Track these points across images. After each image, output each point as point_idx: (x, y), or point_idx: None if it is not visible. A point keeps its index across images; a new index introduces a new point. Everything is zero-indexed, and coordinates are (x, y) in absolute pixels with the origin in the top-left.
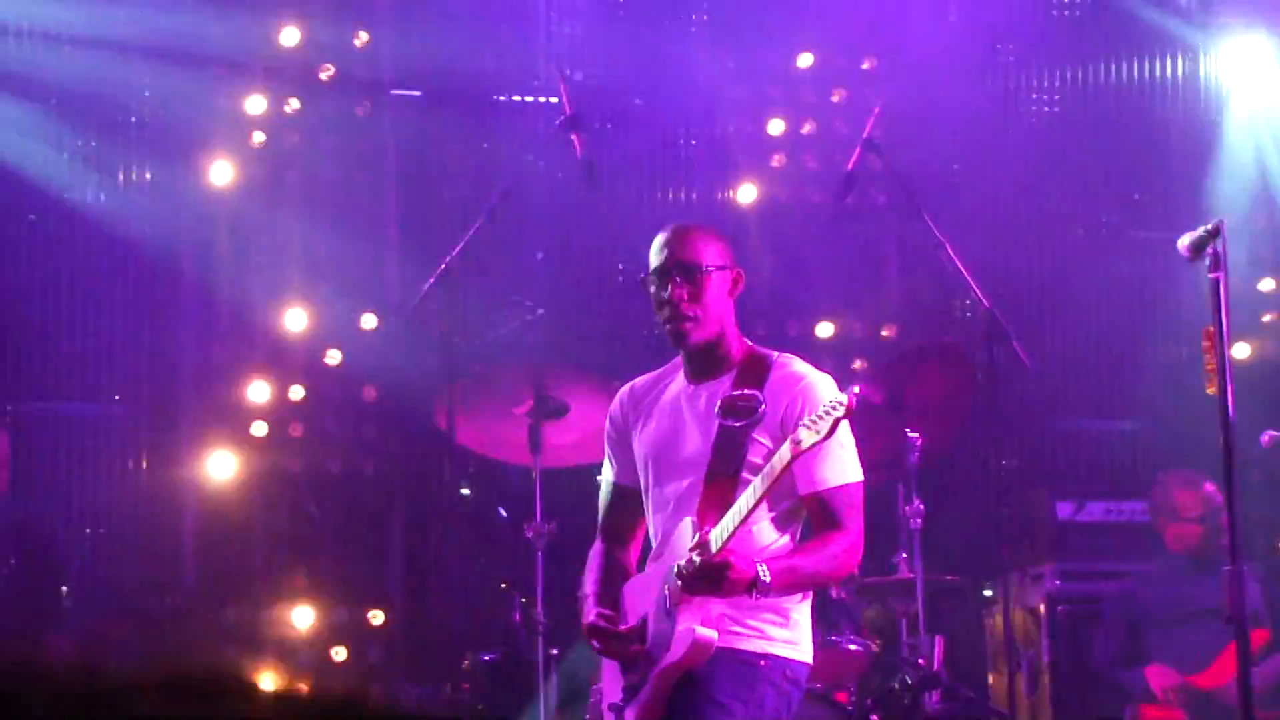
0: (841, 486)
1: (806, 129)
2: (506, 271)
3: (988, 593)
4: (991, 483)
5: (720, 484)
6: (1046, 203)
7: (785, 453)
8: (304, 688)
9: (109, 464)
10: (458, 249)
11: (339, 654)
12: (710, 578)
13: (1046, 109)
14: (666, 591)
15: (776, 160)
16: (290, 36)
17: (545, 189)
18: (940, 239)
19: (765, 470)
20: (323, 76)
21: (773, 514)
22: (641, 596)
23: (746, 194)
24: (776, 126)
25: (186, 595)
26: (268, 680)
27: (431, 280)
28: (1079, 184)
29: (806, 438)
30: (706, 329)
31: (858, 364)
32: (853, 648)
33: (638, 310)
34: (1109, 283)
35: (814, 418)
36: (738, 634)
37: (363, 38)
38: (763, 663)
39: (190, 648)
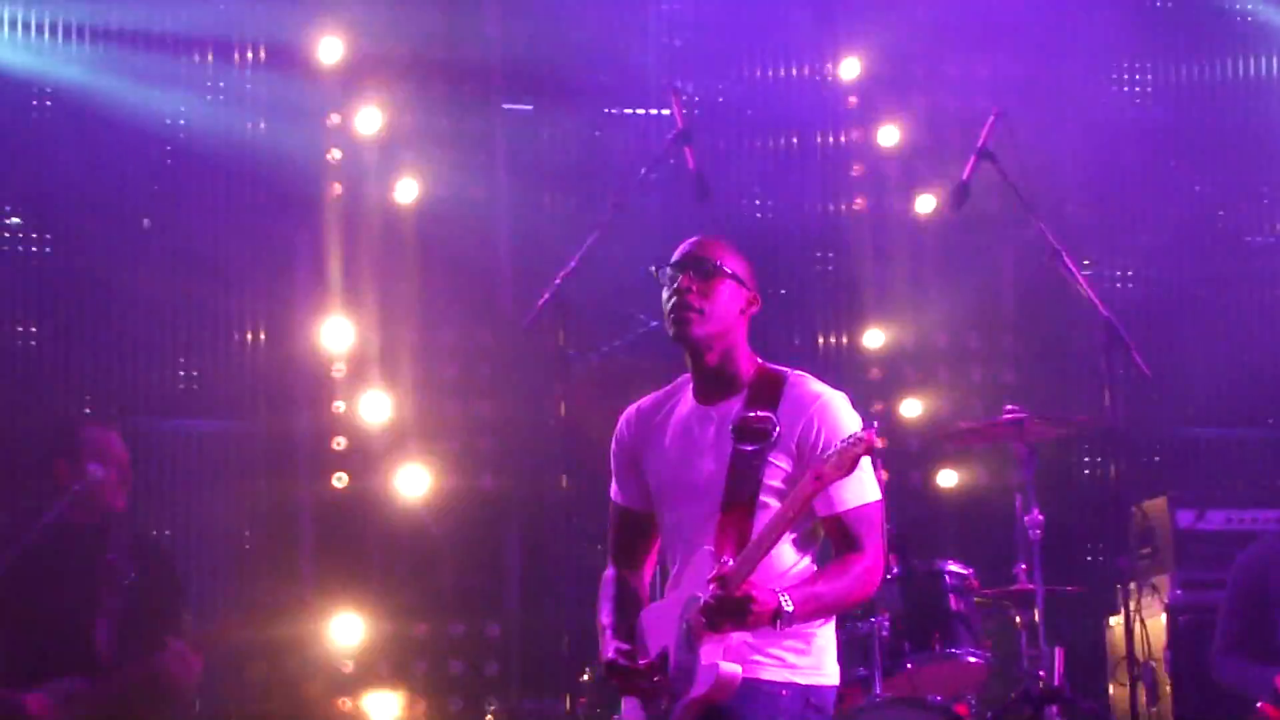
0: (861, 507)
1: (916, 137)
2: (619, 285)
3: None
4: (1111, 491)
5: (737, 511)
6: (1168, 207)
7: (807, 486)
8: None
9: (228, 480)
10: (573, 263)
11: (455, 668)
12: (732, 612)
13: (1164, 110)
14: (688, 624)
15: (888, 169)
16: (404, 52)
17: (657, 202)
18: (1057, 247)
19: (787, 502)
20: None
21: (793, 536)
22: (660, 627)
23: (859, 203)
24: (889, 135)
25: (303, 610)
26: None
27: (546, 295)
28: (1203, 186)
29: (829, 474)
30: (709, 327)
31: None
32: (972, 660)
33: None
34: (1233, 287)
35: (835, 453)
36: (759, 664)
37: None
38: (785, 693)
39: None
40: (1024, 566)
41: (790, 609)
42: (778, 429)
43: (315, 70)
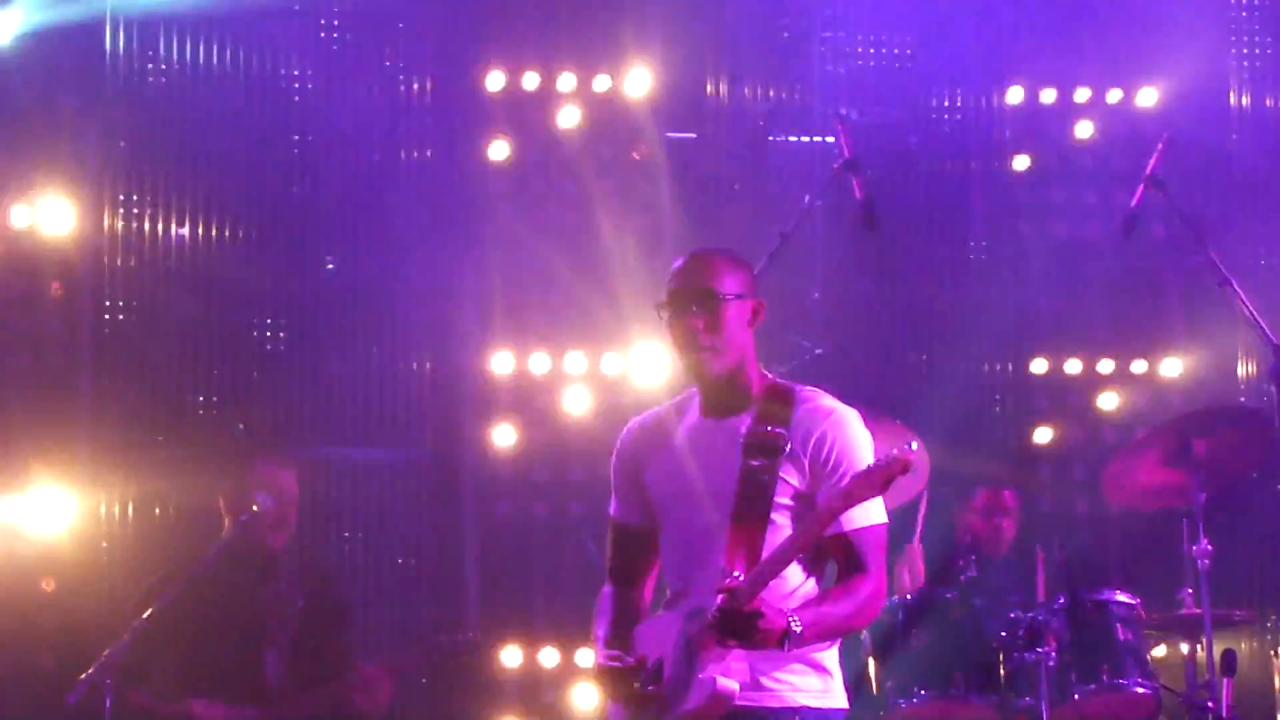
0: (869, 529)
1: (1081, 163)
2: (784, 313)
3: None
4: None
5: (747, 525)
6: None
7: (837, 503)
8: None
9: (392, 506)
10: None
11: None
12: (740, 628)
13: None
14: (689, 636)
15: (1052, 196)
16: (567, 82)
17: (822, 229)
18: (1225, 275)
19: (812, 519)
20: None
21: (803, 556)
22: (657, 639)
23: (1023, 229)
24: (1053, 160)
25: (470, 634)
26: None
27: None
28: None
29: (858, 493)
30: (726, 359)
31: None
32: (1140, 690)
33: (916, 349)
34: None
35: (870, 471)
36: (767, 690)
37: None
38: (796, 719)
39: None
40: (1190, 591)
41: (799, 630)
42: (789, 444)
43: (481, 99)
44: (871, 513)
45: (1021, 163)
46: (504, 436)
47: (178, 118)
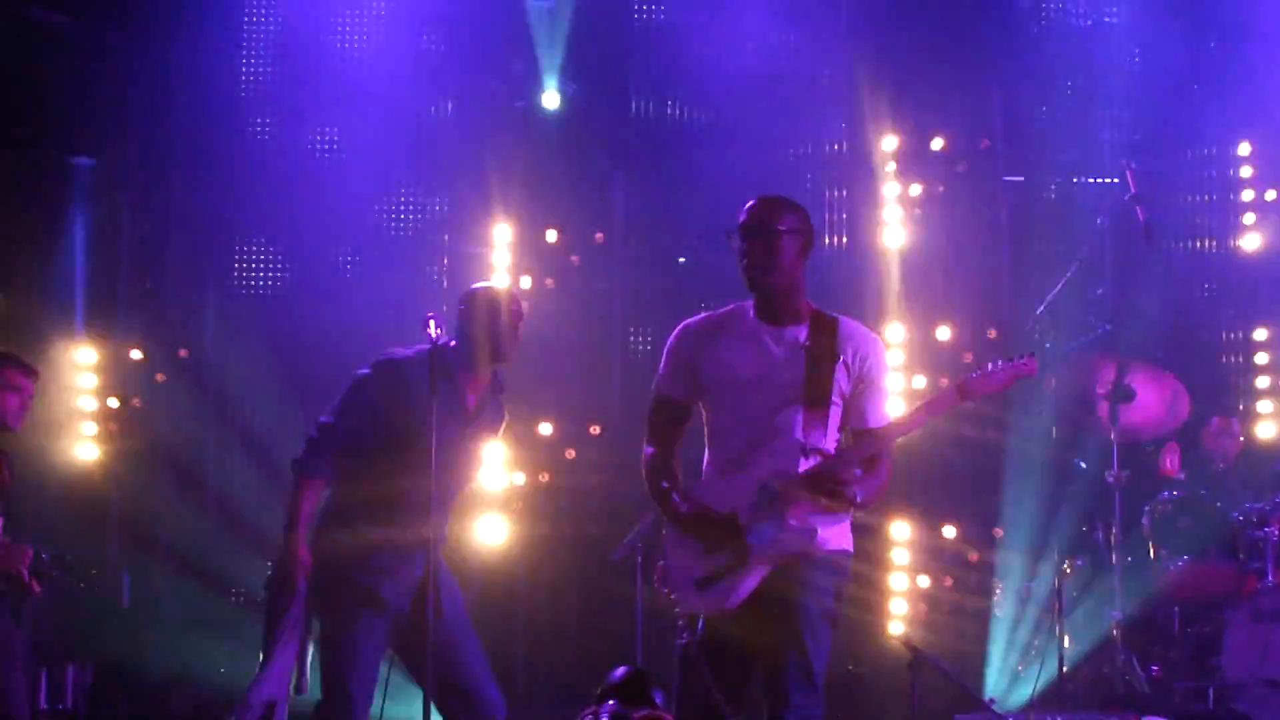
0: (890, 425)
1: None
2: (1084, 302)
3: None
4: None
5: (817, 413)
6: None
7: (951, 396)
8: None
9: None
10: (1057, 289)
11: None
12: (833, 489)
13: None
14: (773, 491)
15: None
16: (938, 143)
17: (1110, 243)
18: None
19: (925, 406)
20: (959, 169)
21: (837, 439)
22: (726, 497)
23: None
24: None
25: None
26: None
27: (1040, 309)
28: None
29: (974, 389)
30: (777, 276)
31: None
32: None
33: (1165, 317)
34: None
35: (994, 372)
36: (826, 539)
37: (986, 143)
38: (841, 560)
39: None
40: None
41: (859, 500)
42: (843, 355)
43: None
44: (889, 415)
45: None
46: None
47: None
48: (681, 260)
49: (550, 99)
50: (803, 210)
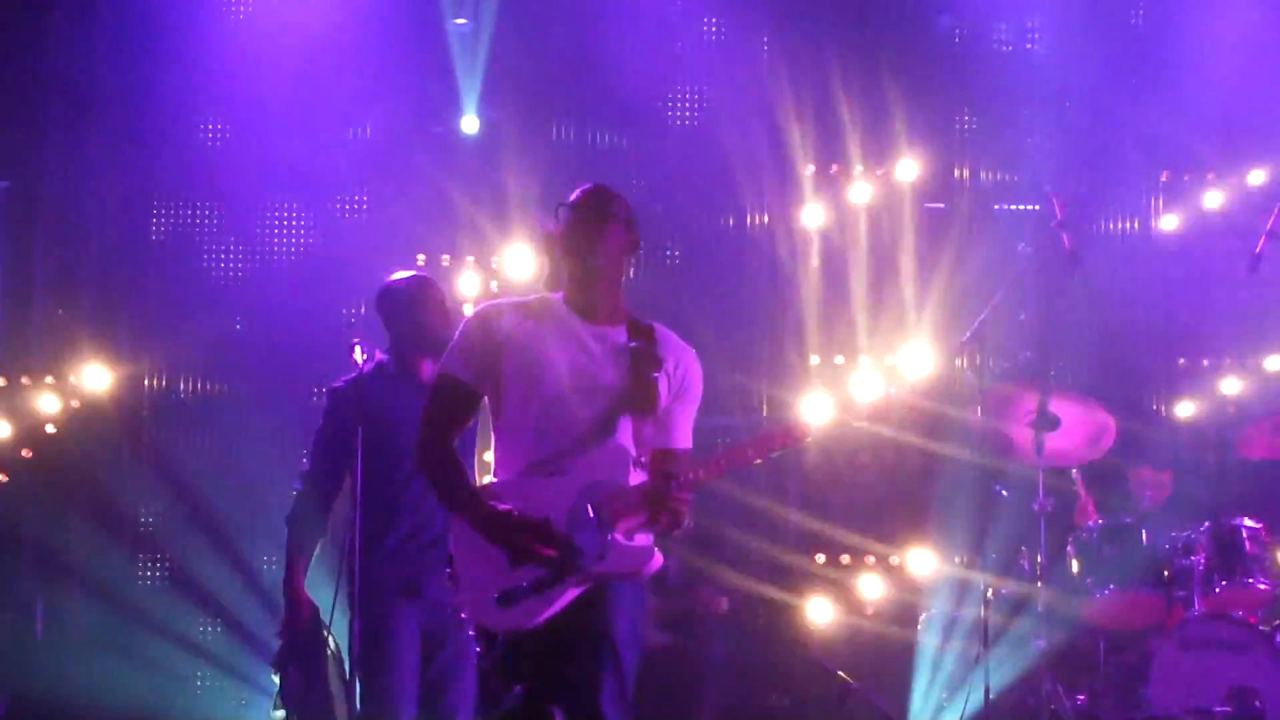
0: (694, 464)
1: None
2: (1005, 327)
3: None
4: None
5: (642, 418)
6: None
7: (795, 434)
8: None
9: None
10: (982, 315)
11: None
12: (672, 513)
13: None
14: (599, 505)
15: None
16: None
17: (1034, 268)
18: None
19: (761, 437)
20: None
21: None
22: (533, 502)
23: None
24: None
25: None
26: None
27: (967, 335)
28: None
29: (850, 417)
30: (604, 261)
31: None
32: (1262, 586)
33: (1097, 349)
34: None
35: (877, 405)
36: (656, 558)
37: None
38: (648, 582)
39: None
40: None
41: (685, 526)
42: (665, 363)
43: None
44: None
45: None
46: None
47: None
48: None
49: (469, 123)
50: (633, 214)
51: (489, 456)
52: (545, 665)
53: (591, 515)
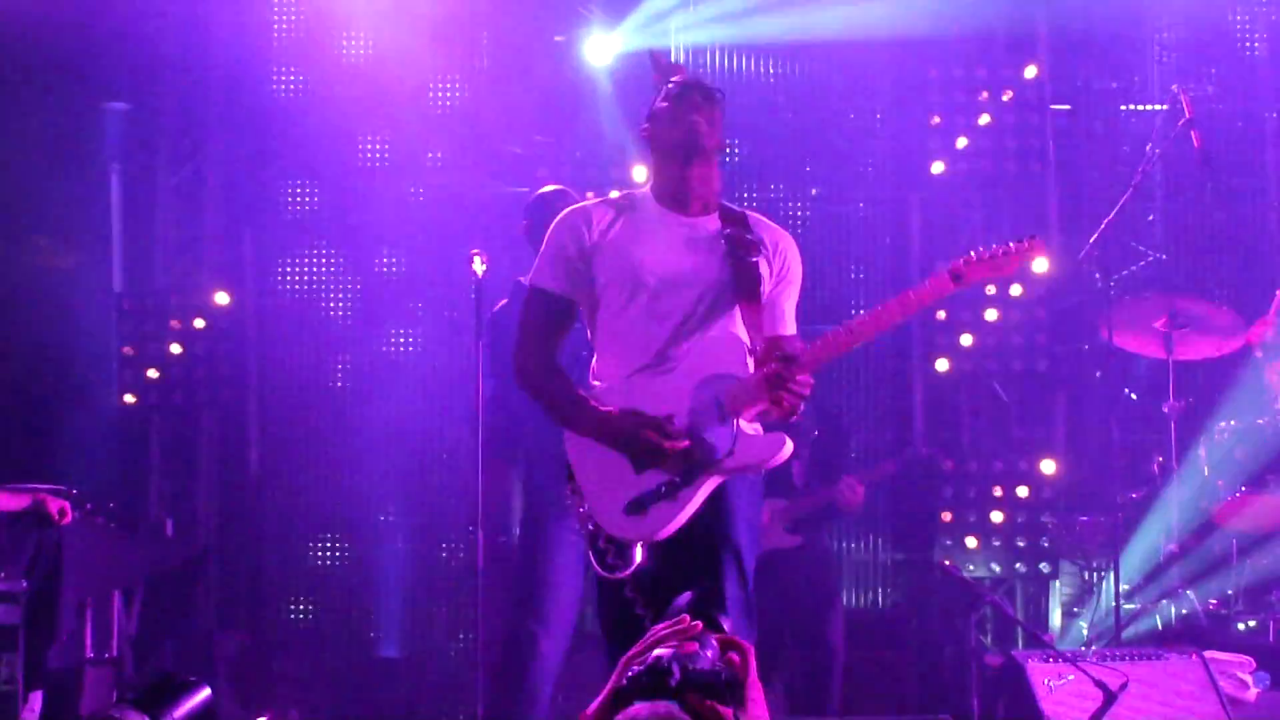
0: (860, 321)
1: None
2: (1134, 228)
3: None
4: None
5: (751, 305)
6: None
7: (944, 284)
8: None
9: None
10: (1105, 222)
11: (1022, 492)
12: (795, 392)
13: None
14: (718, 397)
15: None
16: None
17: (1162, 171)
18: None
19: (912, 298)
20: (1004, 98)
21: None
22: (647, 403)
23: None
24: None
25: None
26: None
27: (1090, 243)
28: None
29: (969, 273)
30: (713, 141)
31: None
32: None
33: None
34: None
35: (995, 255)
36: (784, 448)
37: (1032, 71)
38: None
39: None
40: None
41: (801, 411)
42: (762, 247)
43: None
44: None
45: None
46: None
47: None
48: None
49: None
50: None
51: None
52: (671, 574)
53: (715, 407)
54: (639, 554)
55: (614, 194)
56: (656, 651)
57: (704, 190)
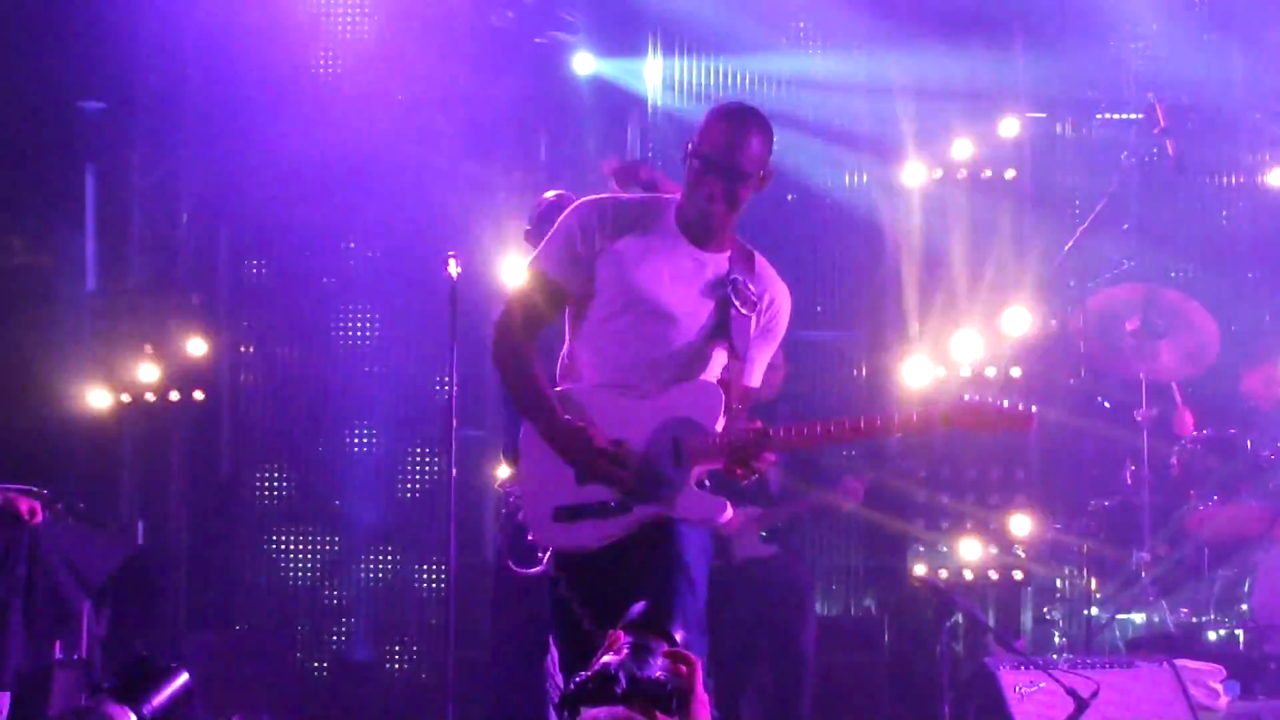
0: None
1: None
2: (1109, 238)
3: None
4: None
5: (734, 360)
6: None
7: (932, 418)
8: None
9: (834, 377)
10: (1080, 230)
11: (995, 499)
12: (751, 467)
13: None
14: (680, 442)
15: None
16: None
17: (1136, 179)
18: None
19: (895, 424)
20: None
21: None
22: (612, 421)
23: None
24: None
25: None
26: None
27: (1065, 250)
28: None
29: (958, 419)
30: (730, 220)
31: None
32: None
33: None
34: None
35: (996, 415)
36: (731, 512)
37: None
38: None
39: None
40: None
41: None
42: (760, 299)
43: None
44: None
45: None
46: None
47: None
48: None
49: None
50: (772, 132)
51: None
52: (614, 587)
53: (673, 450)
54: (545, 560)
55: (643, 196)
56: (605, 659)
57: (722, 231)
